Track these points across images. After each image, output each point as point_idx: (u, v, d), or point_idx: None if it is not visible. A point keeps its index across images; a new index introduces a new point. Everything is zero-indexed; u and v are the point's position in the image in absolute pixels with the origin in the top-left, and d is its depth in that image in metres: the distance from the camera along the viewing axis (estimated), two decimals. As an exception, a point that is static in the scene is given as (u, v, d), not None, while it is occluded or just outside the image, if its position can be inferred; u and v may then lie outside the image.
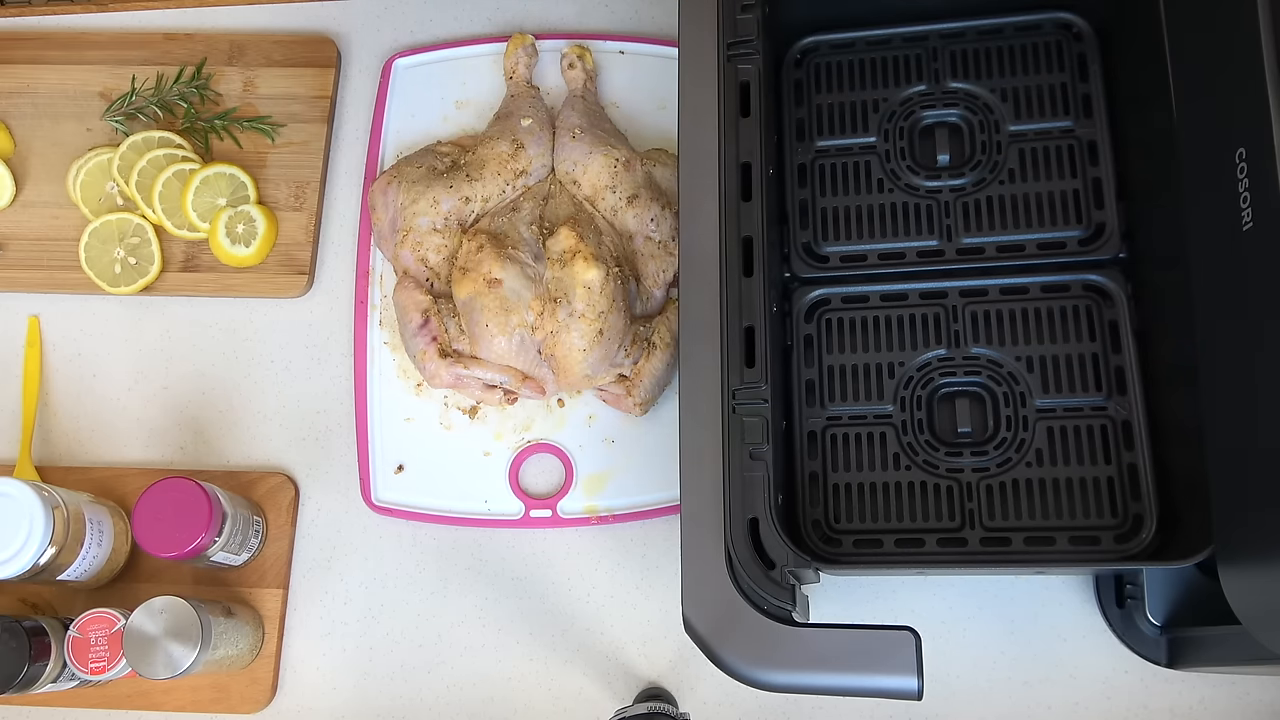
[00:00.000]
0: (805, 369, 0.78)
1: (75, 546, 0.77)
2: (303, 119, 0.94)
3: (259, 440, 0.88)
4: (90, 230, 0.90)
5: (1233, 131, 0.55)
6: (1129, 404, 0.72)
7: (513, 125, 0.87)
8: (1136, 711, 0.75)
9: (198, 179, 0.89)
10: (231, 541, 0.79)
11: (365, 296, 0.89)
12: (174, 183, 0.90)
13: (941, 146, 0.79)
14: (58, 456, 0.89)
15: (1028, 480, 0.73)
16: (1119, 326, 0.74)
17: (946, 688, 0.77)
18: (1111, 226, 0.75)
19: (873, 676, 0.60)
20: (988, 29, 0.81)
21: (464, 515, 0.84)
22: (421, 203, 0.84)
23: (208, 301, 0.92)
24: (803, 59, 0.84)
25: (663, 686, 0.80)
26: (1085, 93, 0.79)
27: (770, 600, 0.63)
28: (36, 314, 0.92)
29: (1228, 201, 0.54)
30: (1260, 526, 0.53)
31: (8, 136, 0.95)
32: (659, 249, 0.83)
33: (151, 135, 0.91)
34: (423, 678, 0.82)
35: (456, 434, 0.86)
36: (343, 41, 0.97)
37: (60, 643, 0.75)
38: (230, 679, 0.82)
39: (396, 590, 0.84)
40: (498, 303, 0.79)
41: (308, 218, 0.92)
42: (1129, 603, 0.73)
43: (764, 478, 0.66)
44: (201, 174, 0.89)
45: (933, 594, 0.79)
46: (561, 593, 0.83)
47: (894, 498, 0.74)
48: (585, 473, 0.84)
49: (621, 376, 0.82)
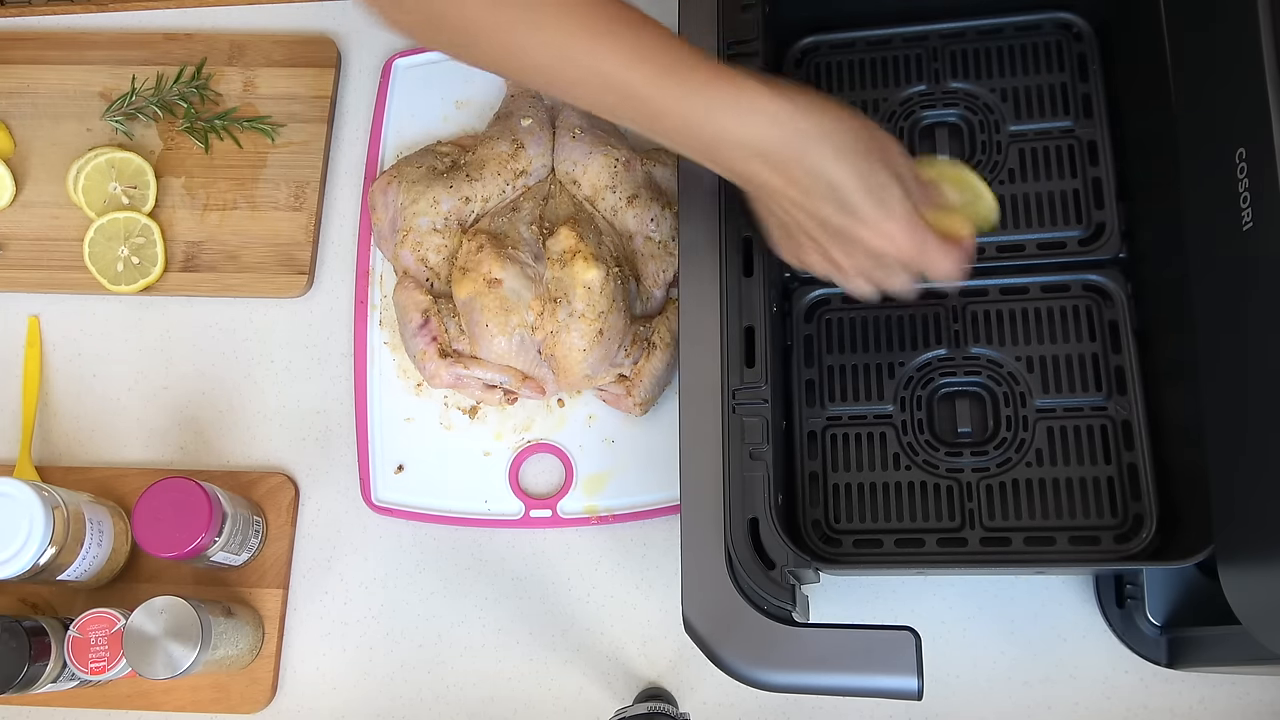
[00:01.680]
0: (805, 369, 0.78)
1: (75, 546, 0.77)
2: (303, 119, 0.94)
3: (259, 440, 0.88)
4: (95, 227, 0.90)
5: (1233, 131, 0.55)
6: (1129, 404, 0.72)
7: (513, 125, 0.87)
8: (1136, 711, 0.75)
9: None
10: (231, 541, 0.79)
11: (365, 296, 0.89)
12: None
13: (941, 146, 0.79)
14: (58, 456, 0.89)
15: (1028, 480, 0.73)
16: (1119, 326, 0.74)
17: (946, 688, 0.77)
18: (1111, 226, 0.75)
19: (873, 676, 0.60)
20: (988, 29, 0.81)
21: (464, 515, 0.84)
22: (421, 203, 0.84)
23: (208, 301, 0.92)
24: (803, 59, 0.84)
25: (663, 686, 0.80)
26: (1085, 93, 0.79)
27: (770, 600, 0.64)
28: (36, 314, 0.92)
29: (1228, 201, 0.54)
30: (1260, 526, 0.53)
31: (8, 136, 0.95)
32: (659, 249, 0.83)
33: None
34: (423, 678, 0.82)
35: (456, 434, 0.86)
36: (343, 41, 0.97)
37: (60, 643, 0.75)
38: (230, 679, 0.82)
39: (396, 590, 0.84)
40: (498, 303, 0.79)
41: (308, 218, 0.92)
42: (1129, 603, 0.73)
43: (764, 478, 0.66)
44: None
45: (933, 594, 0.79)
46: (561, 593, 0.83)
47: (894, 498, 0.74)
48: (585, 473, 0.84)
49: (621, 376, 0.82)
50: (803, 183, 0.58)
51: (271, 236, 0.91)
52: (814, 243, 0.62)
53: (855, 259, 0.62)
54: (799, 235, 0.63)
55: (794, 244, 0.64)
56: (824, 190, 0.58)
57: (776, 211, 0.62)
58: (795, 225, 0.62)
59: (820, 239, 0.62)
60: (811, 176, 0.58)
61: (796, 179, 0.58)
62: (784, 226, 0.63)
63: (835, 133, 0.58)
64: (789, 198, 0.60)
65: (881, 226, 0.59)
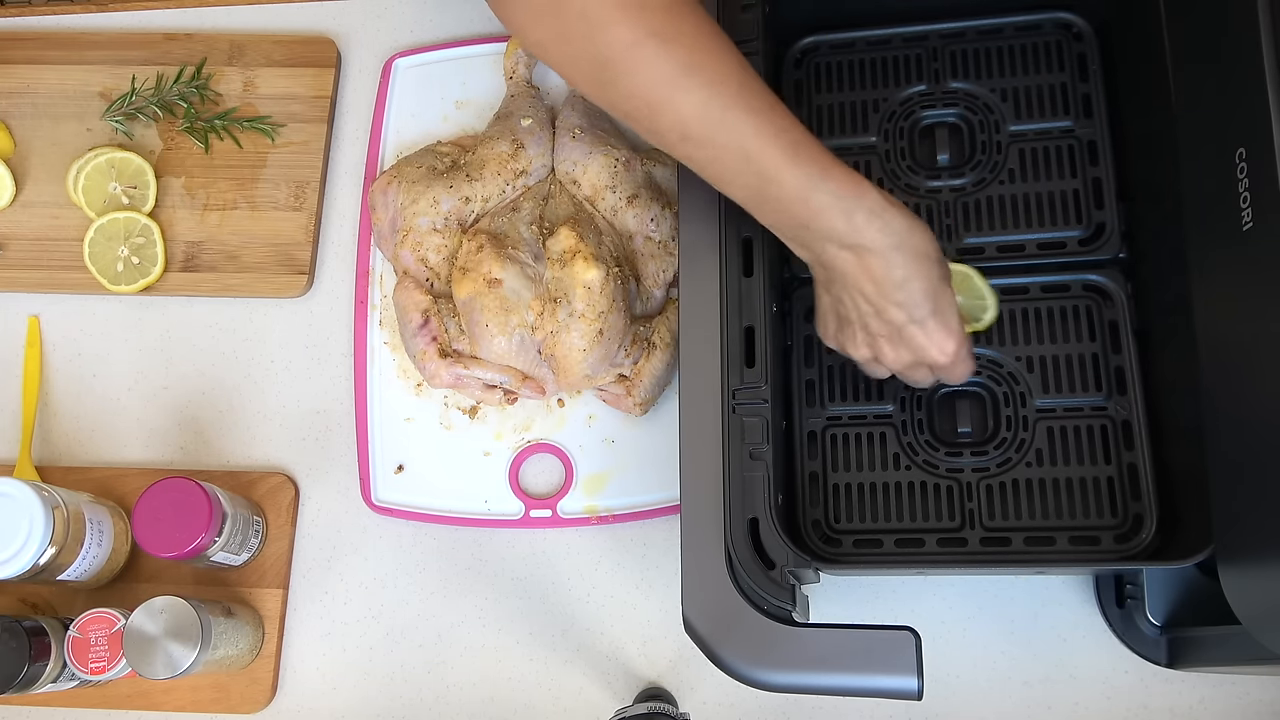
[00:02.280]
0: (805, 369, 0.78)
1: (75, 546, 0.77)
2: (303, 119, 0.94)
3: (259, 440, 0.88)
4: (96, 227, 0.90)
5: (1233, 131, 0.55)
6: (1129, 404, 0.72)
7: (513, 125, 0.87)
8: (1136, 711, 0.75)
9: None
10: (231, 541, 0.79)
11: (365, 296, 0.89)
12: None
13: (941, 146, 0.79)
14: (58, 456, 0.89)
15: (1028, 480, 0.73)
16: (1119, 326, 0.74)
17: (946, 688, 0.77)
18: (1111, 226, 0.75)
19: (873, 676, 0.60)
20: (988, 29, 0.81)
21: (464, 515, 0.84)
22: (421, 203, 0.84)
23: (208, 301, 0.92)
24: (803, 59, 0.84)
25: (663, 686, 0.80)
26: (1085, 93, 0.79)
27: (770, 600, 0.64)
28: (36, 314, 0.92)
29: (1228, 201, 0.54)
30: (1260, 526, 0.53)
31: (8, 136, 0.95)
32: (659, 249, 0.83)
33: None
34: (423, 678, 0.82)
35: (456, 434, 0.86)
36: (343, 41, 0.97)
37: (60, 643, 0.75)
38: (230, 679, 0.82)
39: (396, 590, 0.84)
40: (498, 303, 0.79)
41: (308, 218, 0.92)
42: (1129, 603, 0.73)
43: (764, 478, 0.66)
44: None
45: (933, 594, 0.79)
46: (561, 593, 0.83)
47: (894, 498, 0.74)
48: (585, 473, 0.84)
49: (621, 376, 0.82)
50: (882, 283, 0.62)
51: (271, 236, 0.91)
52: (866, 335, 0.66)
53: (899, 357, 0.66)
54: (854, 325, 0.66)
55: (845, 331, 0.67)
56: (898, 295, 0.62)
57: (843, 299, 0.65)
58: (856, 316, 0.65)
59: (876, 333, 0.65)
60: (891, 280, 0.62)
61: (876, 277, 0.62)
62: (841, 315, 0.67)
63: (921, 243, 0.62)
64: (862, 292, 0.63)
65: (939, 339, 0.65)
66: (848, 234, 0.61)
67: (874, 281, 0.62)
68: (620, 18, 0.56)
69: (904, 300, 0.62)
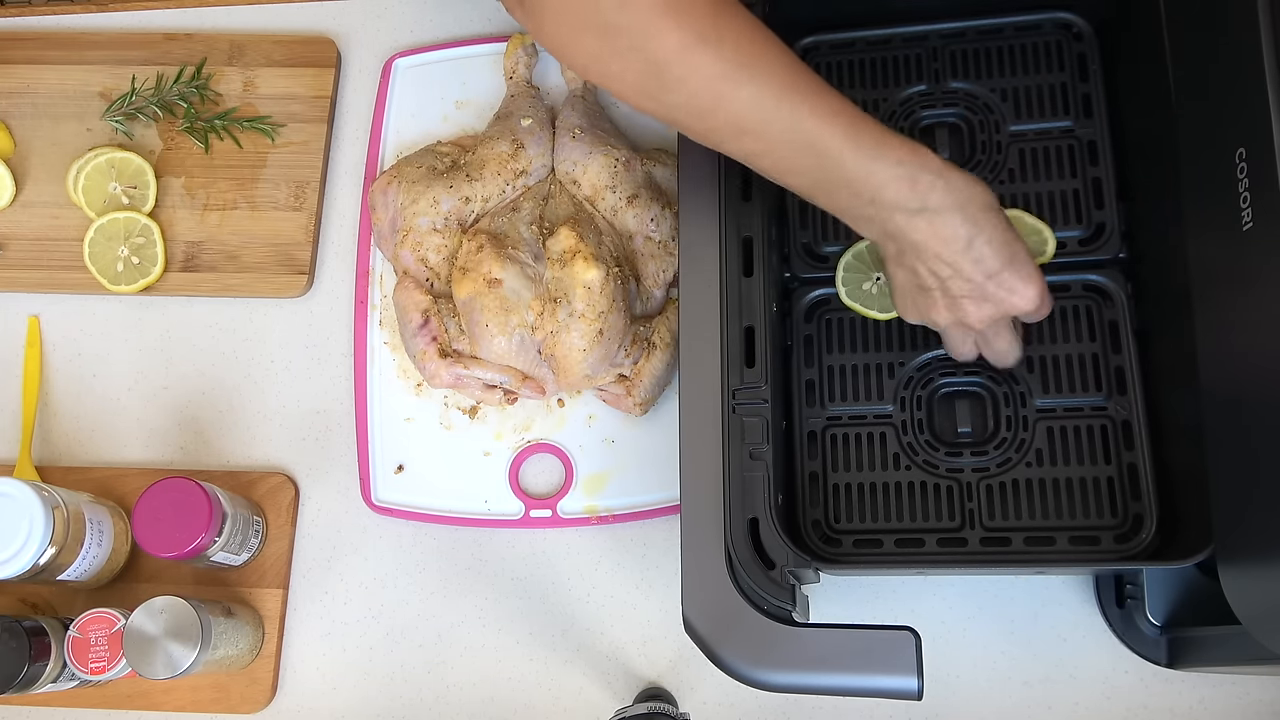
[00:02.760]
0: (805, 369, 0.78)
1: (75, 546, 0.77)
2: (303, 119, 0.94)
3: (259, 440, 0.88)
4: (96, 227, 0.90)
5: (1233, 131, 0.55)
6: (1129, 404, 0.72)
7: (513, 125, 0.87)
8: (1136, 711, 0.75)
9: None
10: (231, 541, 0.79)
11: (365, 296, 0.89)
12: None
13: (942, 146, 0.79)
14: (58, 456, 0.89)
15: (1028, 480, 0.73)
16: (1119, 326, 0.74)
17: (946, 688, 0.77)
18: (1111, 226, 0.75)
19: (873, 676, 0.60)
20: (988, 29, 0.81)
21: (464, 515, 0.84)
22: (421, 203, 0.84)
23: (208, 301, 0.92)
24: (803, 59, 0.83)
25: (663, 686, 0.80)
26: (1085, 93, 0.79)
27: (770, 600, 0.64)
28: (36, 314, 0.93)
29: (1228, 201, 0.54)
30: (1260, 526, 0.53)
31: (8, 136, 0.95)
32: (659, 249, 0.83)
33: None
34: (423, 678, 0.82)
35: (456, 434, 0.86)
36: (343, 41, 0.97)
37: (60, 643, 0.75)
38: (230, 679, 0.82)
39: (396, 590, 0.84)
40: (498, 303, 0.79)
41: (308, 218, 0.92)
42: (1129, 603, 0.73)
43: (764, 478, 0.66)
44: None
45: (933, 594, 0.79)
46: (561, 593, 0.83)
47: (894, 498, 0.74)
48: (585, 473, 0.84)
49: (621, 376, 0.82)
50: (954, 242, 0.63)
51: (271, 236, 0.91)
52: (948, 299, 0.66)
53: (984, 313, 0.67)
54: (934, 292, 0.66)
55: (927, 301, 0.68)
56: (973, 251, 0.63)
57: (918, 269, 0.66)
58: (935, 282, 0.66)
59: (958, 294, 0.66)
60: (961, 237, 0.63)
61: (947, 237, 0.63)
62: (920, 285, 0.67)
63: (984, 198, 0.64)
64: (939, 255, 0.64)
65: (1020, 286, 0.65)
66: (914, 200, 0.62)
67: (946, 242, 0.63)
68: (668, 25, 0.57)
69: (980, 255, 0.63)
